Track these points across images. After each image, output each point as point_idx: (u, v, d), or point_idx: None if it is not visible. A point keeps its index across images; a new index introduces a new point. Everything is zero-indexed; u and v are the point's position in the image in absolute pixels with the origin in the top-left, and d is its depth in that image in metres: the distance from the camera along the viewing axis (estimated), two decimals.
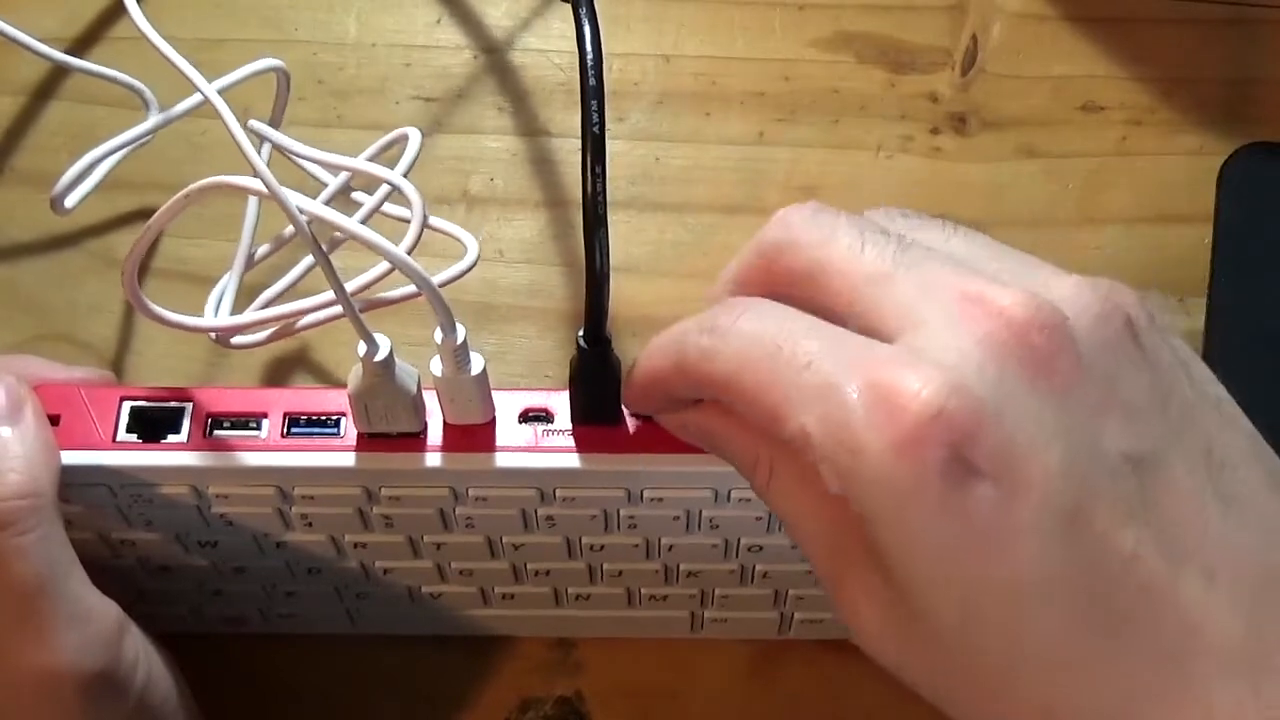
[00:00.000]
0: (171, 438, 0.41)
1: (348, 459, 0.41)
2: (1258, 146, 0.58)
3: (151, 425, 0.41)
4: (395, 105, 0.59)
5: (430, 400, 0.41)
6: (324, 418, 0.41)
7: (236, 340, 0.44)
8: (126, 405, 0.41)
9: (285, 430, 0.41)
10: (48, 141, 0.58)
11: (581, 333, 0.38)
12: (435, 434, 0.41)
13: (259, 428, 0.41)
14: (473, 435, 0.41)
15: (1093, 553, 0.30)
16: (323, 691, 0.51)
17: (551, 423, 0.41)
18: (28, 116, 0.58)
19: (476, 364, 0.39)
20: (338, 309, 0.42)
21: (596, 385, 0.40)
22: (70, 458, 0.40)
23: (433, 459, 0.41)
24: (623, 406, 0.41)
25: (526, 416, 0.41)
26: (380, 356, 0.38)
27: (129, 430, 0.41)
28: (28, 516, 0.38)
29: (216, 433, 0.41)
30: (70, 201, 0.50)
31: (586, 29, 0.36)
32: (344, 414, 0.41)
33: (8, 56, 0.57)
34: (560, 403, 0.41)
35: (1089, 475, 0.30)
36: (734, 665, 0.52)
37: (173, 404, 0.41)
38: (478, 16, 0.61)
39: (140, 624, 0.42)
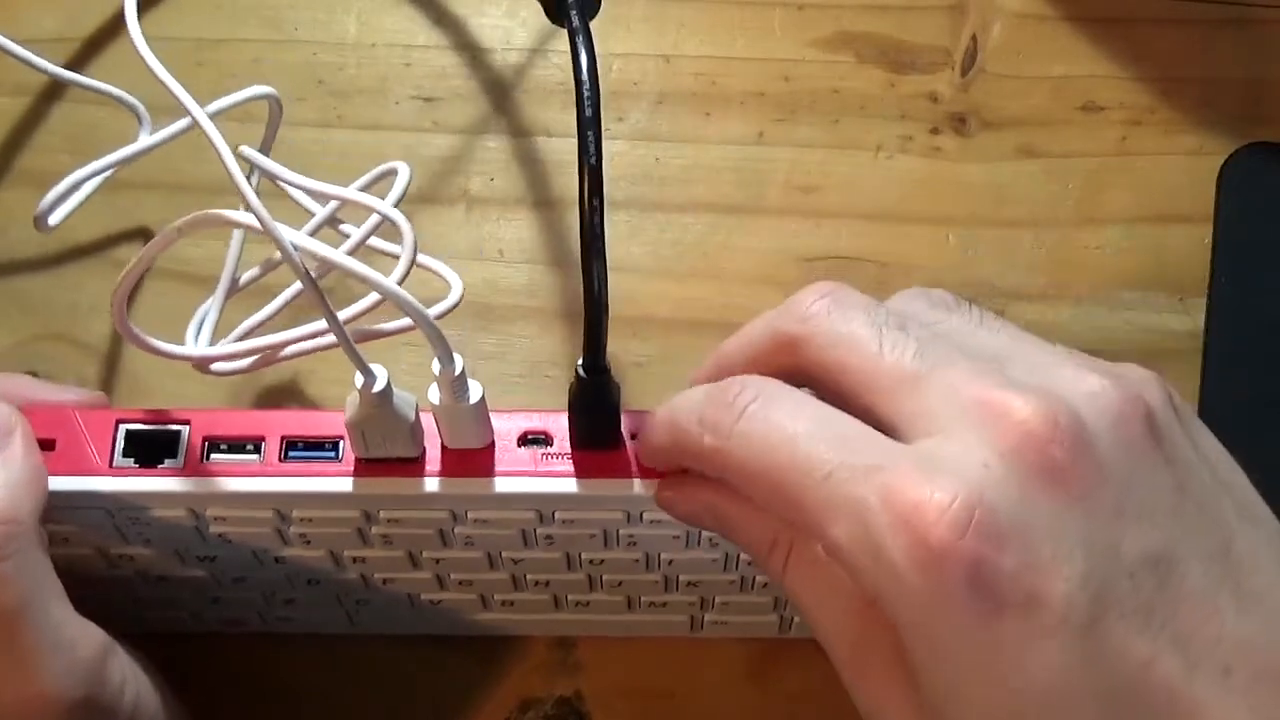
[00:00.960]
0: (168, 462, 0.41)
1: (345, 484, 0.41)
2: (1258, 146, 0.58)
3: (148, 449, 0.41)
4: (395, 105, 0.59)
5: (428, 423, 0.41)
6: (322, 441, 0.41)
7: (217, 366, 0.43)
8: (123, 429, 0.41)
9: (283, 454, 0.41)
10: (48, 142, 0.58)
11: (580, 362, 0.38)
12: (434, 458, 0.41)
13: (257, 451, 0.41)
14: (471, 459, 0.41)
15: (1112, 662, 0.30)
16: (322, 691, 0.51)
17: (551, 446, 0.41)
18: (28, 118, 0.58)
19: (475, 392, 0.39)
20: (322, 340, 0.41)
21: (596, 412, 0.40)
22: (67, 484, 0.40)
23: (431, 484, 0.41)
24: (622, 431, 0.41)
25: (525, 439, 0.41)
26: (378, 387, 0.38)
27: (125, 454, 0.41)
28: (6, 543, 0.38)
29: (214, 456, 0.41)
30: (54, 219, 0.49)
31: (583, 59, 0.35)
32: (342, 437, 0.41)
33: (8, 57, 0.57)
34: (559, 425, 0.41)
35: (1107, 583, 0.31)
36: (733, 665, 0.52)
37: (169, 427, 0.41)
38: (478, 16, 0.60)
39: (138, 625, 0.42)
